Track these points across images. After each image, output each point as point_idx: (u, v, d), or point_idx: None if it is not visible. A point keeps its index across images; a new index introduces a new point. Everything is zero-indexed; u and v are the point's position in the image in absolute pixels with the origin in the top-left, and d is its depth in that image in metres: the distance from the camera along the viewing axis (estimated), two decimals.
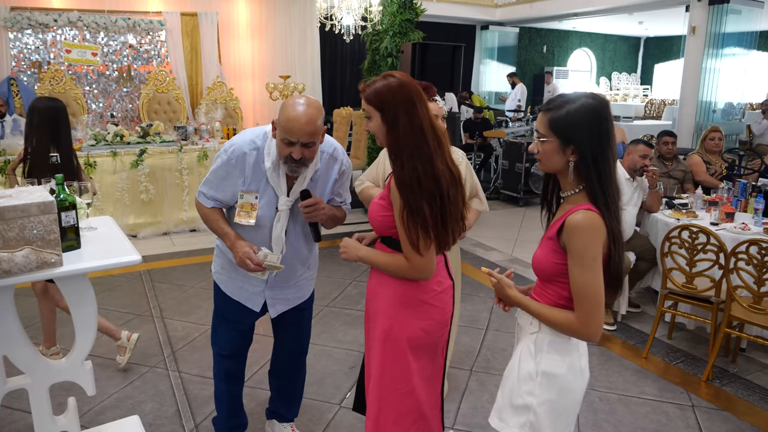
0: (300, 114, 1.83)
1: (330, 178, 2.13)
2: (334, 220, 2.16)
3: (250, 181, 2.01)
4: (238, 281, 2.20)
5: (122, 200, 5.62)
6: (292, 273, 2.20)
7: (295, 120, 1.83)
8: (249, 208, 2.00)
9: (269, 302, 2.22)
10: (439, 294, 1.82)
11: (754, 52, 9.29)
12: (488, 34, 13.66)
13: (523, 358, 1.58)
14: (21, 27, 6.75)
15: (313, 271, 2.35)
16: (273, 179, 2.00)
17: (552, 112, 1.49)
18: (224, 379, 2.38)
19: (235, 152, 2.01)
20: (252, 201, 2.00)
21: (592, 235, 1.42)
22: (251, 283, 2.18)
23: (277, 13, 8.33)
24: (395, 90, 1.68)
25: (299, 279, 2.27)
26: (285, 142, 1.87)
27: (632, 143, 4.01)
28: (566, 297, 1.51)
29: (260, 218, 2.02)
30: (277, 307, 2.24)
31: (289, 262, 2.13)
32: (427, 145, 1.68)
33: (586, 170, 1.46)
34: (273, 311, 2.23)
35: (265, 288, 2.19)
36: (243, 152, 2.00)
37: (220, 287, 2.26)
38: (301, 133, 1.84)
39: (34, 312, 3.94)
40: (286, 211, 2.04)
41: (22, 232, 1.68)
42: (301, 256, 2.20)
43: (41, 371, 2.00)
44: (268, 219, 2.04)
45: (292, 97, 1.93)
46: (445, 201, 1.68)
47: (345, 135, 7.89)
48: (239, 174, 2.01)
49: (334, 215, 2.14)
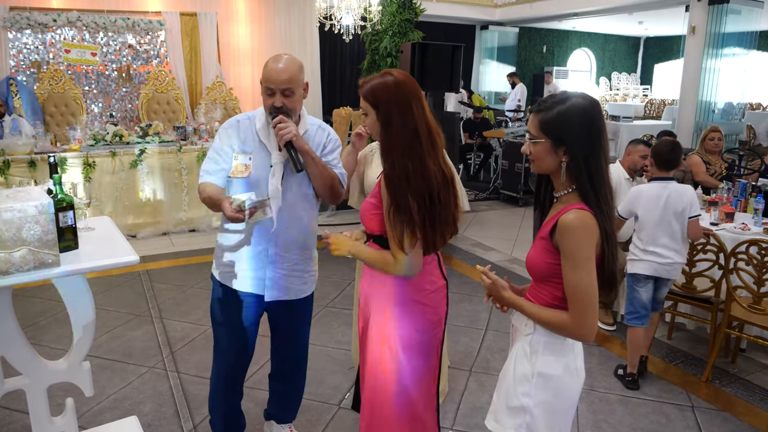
0: (276, 63, 2.00)
1: (320, 144, 2.18)
2: (321, 172, 2.09)
3: (244, 142, 2.10)
4: (241, 271, 2.17)
5: (121, 200, 5.62)
6: (291, 245, 2.15)
7: (272, 69, 1.99)
8: (243, 168, 2.08)
9: (268, 284, 2.17)
10: (431, 293, 1.82)
11: (753, 52, 9.28)
12: (488, 34, 13.65)
13: (519, 360, 1.58)
14: (20, 27, 6.74)
15: (315, 268, 2.32)
16: (264, 138, 2.09)
17: (542, 113, 1.49)
18: (222, 392, 2.34)
19: (230, 122, 2.17)
20: (245, 162, 2.08)
21: (585, 234, 1.42)
22: (252, 267, 2.16)
23: (277, 13, 8.33)
24: (391, 89, 1.69)
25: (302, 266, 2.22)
26: (267, 92, 2.02)
27: (632, 143, 4.00)
28: (560, 297, 1.50)
29: (256, 177, 2.08)
30: (274, 291, 2.18)
31: (285, 228, 2.11)
32: (420, 146, 1.68)
33: (578, 170, 1.46)
34: (268, 294, 2.18)
35: (266, 267, 2.15)
36: (236, 120, 2.16)
37: (224, 285, 2.21)
38: (278, 81, 1.98)
39: (32, 312, 3.94)
40: (280, 165, 2.08)
41: (20, 233, 1.67)
42: (298, 224, 2.15)
43: (39, 372, 2.00)
44: (263, 176, 2.08)
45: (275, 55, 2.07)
46: (434, 201, 1.68)
47: (344, 135, 7.88)
48: (234, 136, 2.11)
49: (320, 163, 2.09)
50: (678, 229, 3.01)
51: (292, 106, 2.03)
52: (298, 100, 2.06)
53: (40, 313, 3.92)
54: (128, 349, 3.46)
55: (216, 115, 6.75)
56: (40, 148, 5.39)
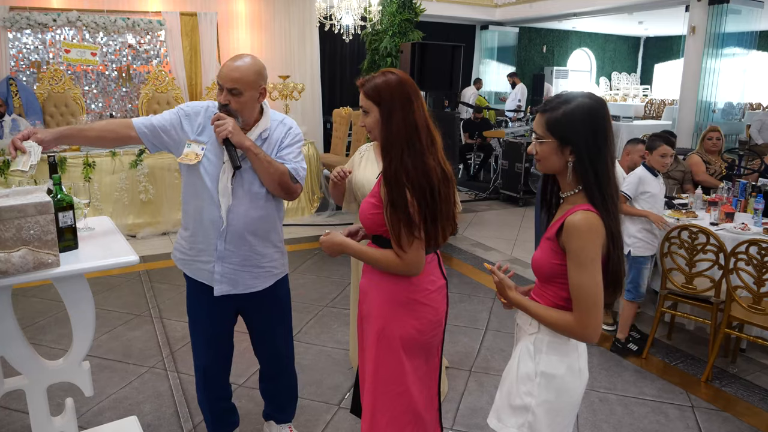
0: (230, 62, 2.01)
1: (278, 141, 2.15)
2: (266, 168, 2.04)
3: (201, 131, 2.08)
4: (195, 261, 2.15)
5: (121, 200, 5.62)
6: (241, 242, 2.10)
7: (225, 65, 2.01)
8: (194, 156, 2.06)
9: (216, 278, 2.12)
10: (431, 293, 1.82)
11: (753, 52, 9.28)
12: (488, 34, 13.65)
13: (522, 359, 1.58)
14: (20, 27, 6.75)
15: (274, 263, 2.23)
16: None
17: (549, 113, 1.49)
18: (203, 390, 2.34)
19: (195, 107, 2.14)
20: (197, 151, 2.06)
21: (591, 235, 1.42)
22: (202, 259, 2.13)
23: (277, 13, 8.33)
24: (393, 86, 1.70)
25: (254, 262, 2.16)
26: (218, 87, 2.03)
27: (630, 142, 4.00)
28: (565, 297, 1.50)
29: (208, 170, 2.05)
30: (223, 286, 2.13)
31: (236, 225, 2.07)
32: (420, 142, 1.69)
33: (584, 170, 1.46)
34: (217, 289, 2.13)
35: (215, 261, 2.11)
36: (202, 107, 2.14)
37: (185, 273, 2.21)
38: (226, 78, 1.98)
39: (32, 312, 3.94)
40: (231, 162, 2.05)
41: (19, 233, 1.67)
42: (250, 222, 2.10)
43: (39, 372, 2.00)
44: (215, 171, 2.05)
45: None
46: (435, 197, 1.68)
47: (344, 135, 7.88)
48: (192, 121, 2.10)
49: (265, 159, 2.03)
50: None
51: (238, 106, 2.02)
52: (247, 102, 2.03)
53: (39, 313, 3.92)
54: (128, 349, 3.46)
55: None
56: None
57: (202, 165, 2.05)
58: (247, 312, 2.30)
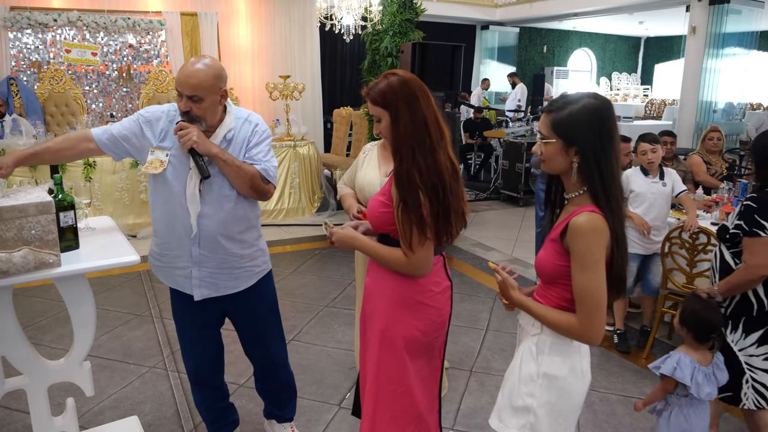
0: (187, 67, 1.93)
1: (244, 140, 2.09)
2: (236, 173, 2.00)
3: (164, 137, 2.03)
4: (170, 267, 2.12)
5: (122, 200, 5.62)
6: (216, 246, 2.06)
7: (181, 72, 1.94)
8: (158, 164, 2.00)
9: (195, 283, 2.08)
10: (436, 295, 1.82)
11: (754, 52, 9.28)
12: (488, 34, 13.65)
13: (525, 360, 1.57)
14: (21, 27, 6.75)
15: (255, 262, 2.19)
16: None
17: (554, 113, 1.48)
18: (197, 393, 2.34)
19: (155, 113, 2.08)
20: (162, 158, 2.00)
21: (595, 237, 1.41)
22: (179, 265, 2.09)
23: (277, 13, 8.34)
24: (396, 87, 1.70)
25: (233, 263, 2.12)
26: (177, 94, 1.96)
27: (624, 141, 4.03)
28: (568, 299, 1.50)
29: (175, 177, 2.00)
30: (203, 290, 2.09)
31: (208, 230, 2.03)
32: (430, 138, 1.68)
33: (589, 171, 1.45)
34: (197, 293, 2.09)
35: (192, 267, 2.07)
36: (162, 111, 2.07)
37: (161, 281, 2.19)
38: (184, 85, 1.92)
39: (32, 312, 3.94)
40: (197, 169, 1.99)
41: (20, 233, 1.67)
42: (223, 226, 2.05)
43: (40, 372, 2.00)
44: (182, 177, 2.00)
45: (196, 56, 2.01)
46: (447, 193, 1.68)
47: (345, 135, 7.88)
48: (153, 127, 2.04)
49: (234, 164, 1.99)
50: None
51: (200, 113, 1.96)
52: (209, 107, 1.97)
53: (40, 313, 3.92)
54: (128, 349, 3.46)
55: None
56: None
57: (167, 172, 1.99)
58: (232, 313, 2.26)
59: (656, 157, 3.49)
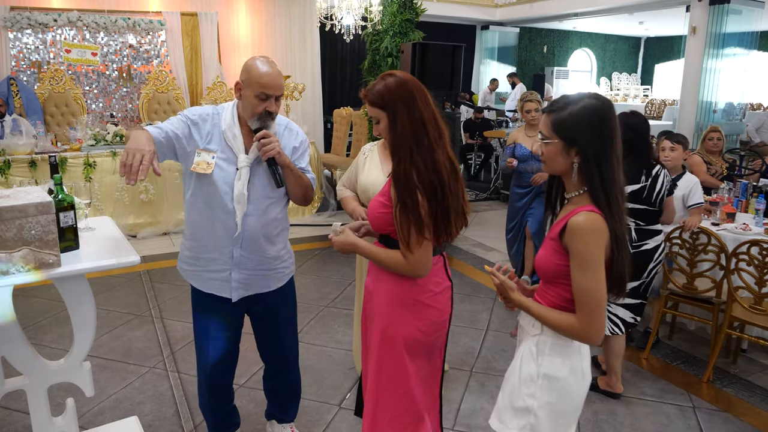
0: (273, 70, 1.99)
1: (289, 146, 2.16)
2: (299, 182, 2.11)
3: (210, 141, 2.06)
4: (204, 271, 2.14)
5: (122, 200, 5.62)
6: (256, 247, 2.11)
7: (270, 75, 1.98)
8: (205, 165, 2.03)
9: (234, 285, 2.13)
10: (436, 295, 1.82)
11: (754, 52, 9.27)
12: (488, 34, 13.65)
13: (525, 360, 1.57)
14: (21, 27, 6.75)
15: (285, 263, 2.25)
16: (230, 140, 2.05)
17: (555, 114, 1.48)
18: (207, 393, 2.33)
19: (201, 114, 2.09)
20: (208, 160, 2.03)
21: (594, 237, 1.41)
22: (214, 268, 2.12)
23: (277, 13, 8.33)
24: (393, 88, 1.70)
25: (267, 265, 2.18)
26: (260, 97, 1.98)
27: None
28: (568, 299, 1.50)
29: (221, 178, 2.03)
30: (240, 291, 2.15)
31: (251, 230, 2.07)
32: (428, 137, 1.68)
33: (589, 171, 1.45)
34: (235, 295, 2.14)
35: (232, 269, 2.11)
36: (207, 114, 2.09)
37: (192, 285, 2.20)
38: (276, 86, 1.99)
39: (32, 312, 3.94)
40: (247, 168, 2.04)
41: (20, 233, 1.67)
42: (264, 227, 2.11)
43: (39, 372, 2.00)
44: (229, 180, 2.03)
45: (254, 57, 2.03)
46: (446, 193, 1.68)
47: (345, 135, 7.88)
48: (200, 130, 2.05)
49: (297, 174, 2.10)
50: None
51: (278, 110, 2.05)
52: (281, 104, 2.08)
53: (39, 313, 3.92)
54: (128, 350, 3.46)
55: None
56: (41, 148, 5.39)
57: (214, 173, 2.03)
58: (258, 313, 2.29)
59: (673, 156, 3.51)
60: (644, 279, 3.03)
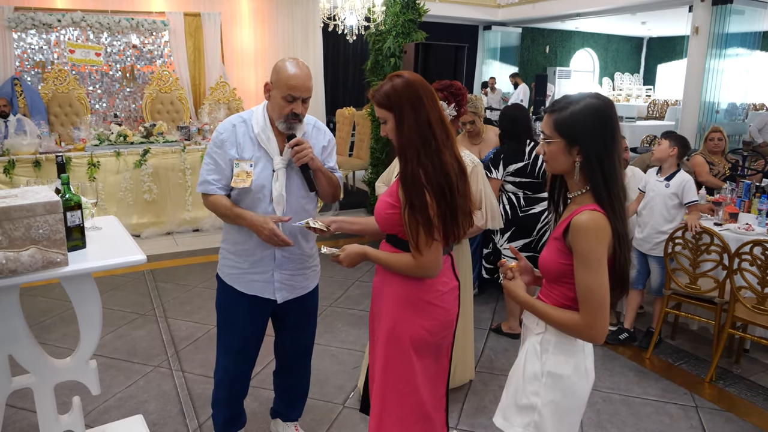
0: (301, 72, 2.01)
1: (318, 146, 2.20)
2: (329, 182, 2.18)
3: (243, 149, 2.08)
4: (249, 274, 2.18)
5: (125, 200, 5.63)
6: (296, 246, 2.17)
7: (298, 77, 2.00)
8: (245, 176, 2.06)
9: (277, 286, 2.19)
10: (443, 294, 1.82)
11: (757, 53, 9.27)
12: (491, 34, 13.65)
13: (529, 359, 1.58)
14: (25, 27, 6.77)
15: (316, 261, 2.34)
16: (264, 142, 2.08)
17: (557, 113, 1.49)
18: (229, 389, 2.35)
19: (225, 126, 2.11)
20: (247, 169, 2.06)
21: (597, 235, 1.42)
22: (257, 270, 2.17)
23: (280, 13, 8.34)
24: (400, 89, 1.71)
25: (305, 263, 2.25)
26: (287, 99, 2.00)
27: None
28: (572, 297, 1.51)
29: (259, 183, 2.06)
30: (284, 293, 2.21)
31: (291, 229, 2.12)
32: (435, 139, 1.69)
33: (591, 171, 1.46)
34: (279, 296, 2.20)
35: (274, 270, 2.17)
36: (232, 124, 2.10)
37: (234, 288, 2.21)
38: (304, 88, 2.01)
39: (37, 311, 3.96)
40: (283, 170, 2.08)
41: (28, 232, 1.69)
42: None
43: (46, 370, 2.01)
44: (267, 182, 2.07)
45: (285, 59, 2.06)
46: (454, 194, 1.69)
47: (347, 135, 7.89)
48: (231, 145, 2.08)
49: (328, 175, 2.17)
50: None
51: (306, 111, 2.08)
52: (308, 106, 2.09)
53: (44, 312, 3.94)
54: (133, 348, 3.47)
55: (219, 115, 6.76)
56: (45, 148, 5.41)
57: (253, 180, 2.07)
58: (287, 311, 2.31)
59: (657, 149, 3.53)
60: (534, 236, 3.60)
